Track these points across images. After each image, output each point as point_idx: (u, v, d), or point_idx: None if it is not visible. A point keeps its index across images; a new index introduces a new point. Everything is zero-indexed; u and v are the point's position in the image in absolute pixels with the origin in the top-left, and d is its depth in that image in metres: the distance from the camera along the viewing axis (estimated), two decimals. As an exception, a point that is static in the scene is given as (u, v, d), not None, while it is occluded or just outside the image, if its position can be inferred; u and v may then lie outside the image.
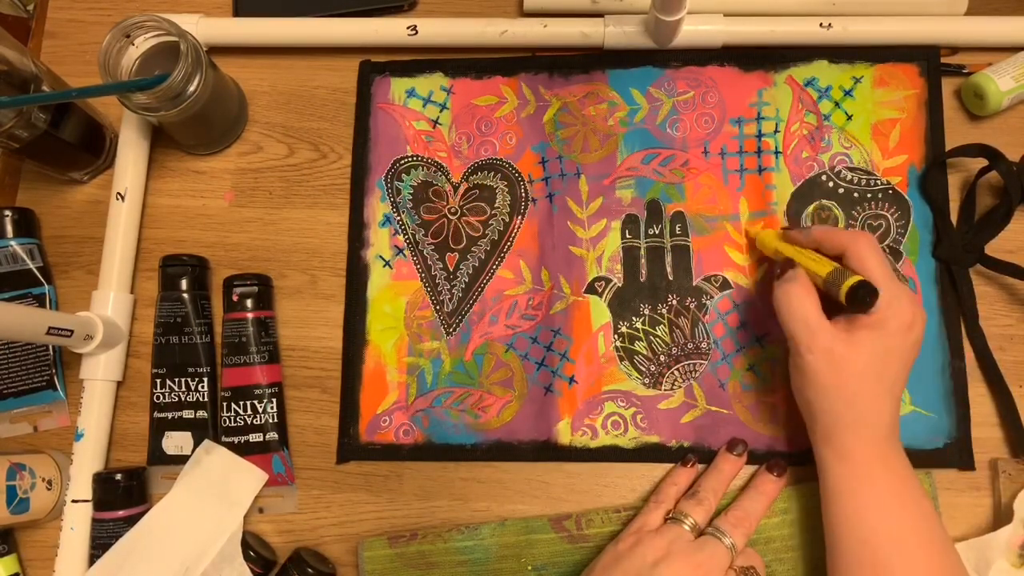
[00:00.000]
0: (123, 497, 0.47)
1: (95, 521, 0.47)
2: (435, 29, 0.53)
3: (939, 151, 0.51)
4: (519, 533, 0.47)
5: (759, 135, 0.52)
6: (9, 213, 0.51)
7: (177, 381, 0.50)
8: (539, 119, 0.53)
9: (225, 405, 0.49)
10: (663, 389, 0.49)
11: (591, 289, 0.51)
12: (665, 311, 0.50)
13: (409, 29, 0.53)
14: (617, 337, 0.50)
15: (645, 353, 0.50)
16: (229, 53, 0.55)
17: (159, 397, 0.50)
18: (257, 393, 0.49)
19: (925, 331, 0.41)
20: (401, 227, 0.52)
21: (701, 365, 0.49)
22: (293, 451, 0.50)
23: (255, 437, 0.49)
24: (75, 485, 0.48)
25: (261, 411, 0.49)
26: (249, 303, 0.50)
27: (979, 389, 0.48)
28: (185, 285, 0.50)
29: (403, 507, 0.49)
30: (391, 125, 0.54)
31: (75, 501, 0.48)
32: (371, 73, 0.55)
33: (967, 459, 0.47)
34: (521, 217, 0.52)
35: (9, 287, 0.51)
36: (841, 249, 0.42)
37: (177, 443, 0.49)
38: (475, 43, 0.53)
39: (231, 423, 0.49)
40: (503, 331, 0.51)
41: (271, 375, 0.50)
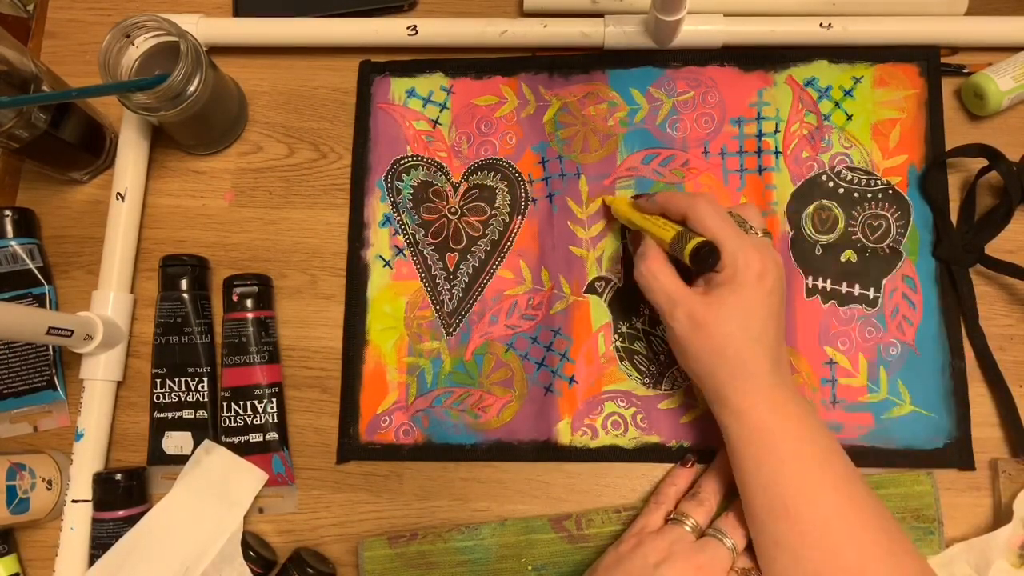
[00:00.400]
0: (123, 497, 0.47)
1: (95, 521, 0.47)
2: (435, 29, 0.53)
3: (939, 151, 0.51)
4: (519, 533, 0.47)
5: (759, 135, 0.52)
6: (9, 213, 0.51)
7: (177, 381, 0.50)
8: (539, 119, 0.53)
9: (225, 405, 0.49)
10: (663, 389, 0.49)
11: (591, 289, 0.51)
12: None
13: (409, 29, 0.53)
14: (617, 337, 0.50)
15: (645, 353, 0.50)
16: (229, 53, 0.55)
17: (159, 397, 0.50)
18: (257, 393, 0.49)
19: (782, 283, 0.41)
20: (401, 227, 0.52)
21: (701, 365, 0.49)
22: (293, 451, 0.50)
23: (255, 437, 0.49)
24: (75, 485, 0.48)
25: (261, 411, 0.49)
26: (249, 303, 0.50)
27: (979, 389, 0.48)
28: (185, 285, 0.50)
29: (403, 507, 0.49)
30: (391, 125, 0.54)
31: (75, 501, 0.48)
32: (371, 73, 0.55)
33: (967, 459, 0.47)
34: (521, 217, 0.52)
35: (9, 287, 0.51)
36: (683, 212, 0.43)
37: (177, 443, 0.49)
38: (475, 43, 0.53)
39: (231, 423, 0.49)
40: (503, 331, 0.51)
41: (271, 375, 0.50)
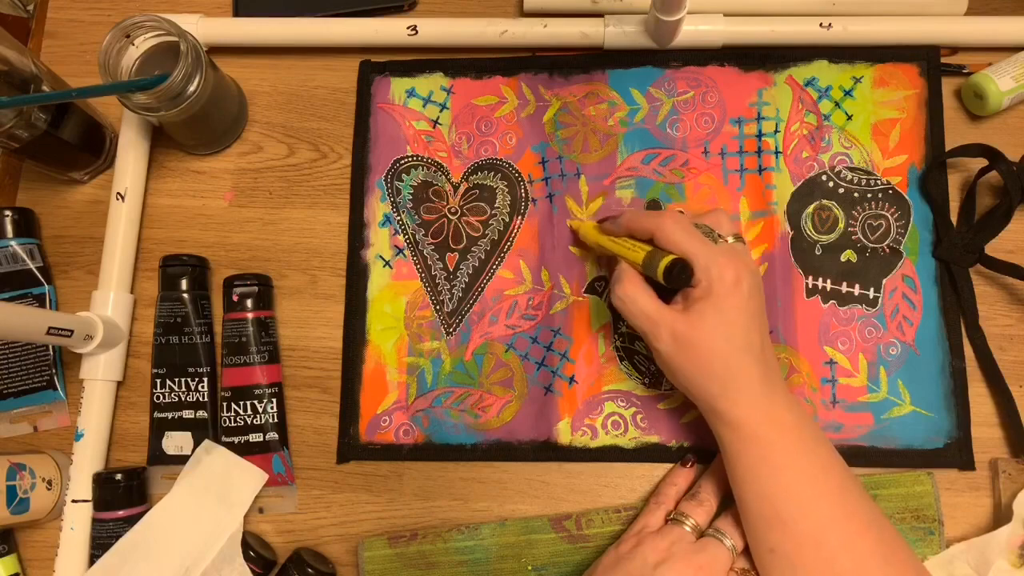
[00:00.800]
0: (123, 497, 0.47)
1: (95, 521, 0.47)
2: (435, 29, 0.53)
3: (939, 151, 0.51)
4: (519, 533, 0.47)
5: (759, 135, 0.52)
6: (9, 213, 0.51)
7: (177, 381, 0.50)
8: (539, 119, 0.53)
9: (225, 405, 0.49)
10: (663, 389, 0.49)
11: (591, 289, 0.51)
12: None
13: (409, 29, 0.53)
14: (617, 337, 0.50)
15: (645, 353, 0.50)
16: (229, 53, 0.55)
17: (159, 397, 0.50)
18: (257, 393, 0.49)
19: (759, 287, 0.41)
20: (401, 227, 0.52)
21: (701, 365, 0.49)
22: (293, 451, 0.50)
23: (255, 437, 0.49)
24: (75, 485, 0.48)
25: (261, 411, 0.49)
26: (249, 303, 0.50)
27: (979, 389, 0.48)
28: (185, 285, 0.50)
29: (403, 507, 0.49)
30: (391, 125, 0.54)
31: (75, 501, 0.48)
32: (371, 73, 0.55)
33: (967, 459, 0.47)
34: (521, 217, 0.52)
35: (9, 287, 0.51)
36: (649, 232, 0.42)
37: (177, 443, 0.49)
38: (475, 43, 0.53)
39: (231, 423, 0.49)
40: (503, 331, 0.51)
41: (271, 375, 0.50)
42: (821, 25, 0.51)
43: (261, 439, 0.49)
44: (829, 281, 0.50)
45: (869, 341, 0.49)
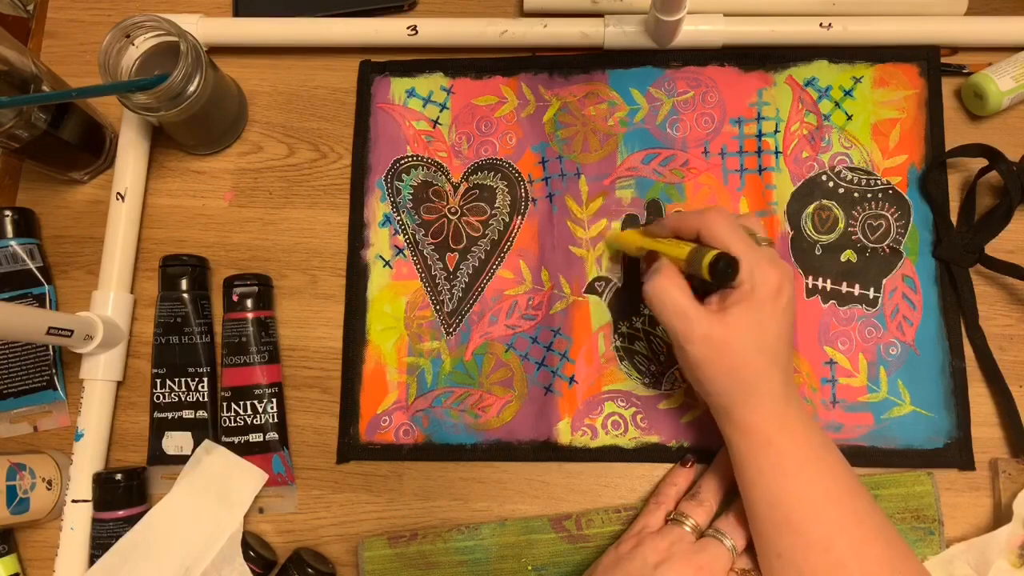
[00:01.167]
0: (123, 497, 0.47)
1: (95, 521, 0.47)
2: (435, 29, 0.53)
3: (939, 151, 0.51)
4: (519, 533, 0.47)
5: (759, 135, 0.52)
6: (9, 213, 0.51)
7: (177, 381, 0.50)
8: (539, 119, 0.53)
9: (225, 405, 0.49)
10: (663, 389, 0.49)
11: (591, 289, 0.51)
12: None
13: (409, 29, 0.53)
14: (617, 337, 0.50)
15: (645, 353, 0.50)
16: (229, 53, 0.55)
17: (159, 397, 0.50)
18: (257, 393, 0.49)
19: (794, 298, 0.41)
20: (401, 227, 0.52)
21: (701, 365, 0.49)
22: (293, 451, 0.50)
23: (255, 437, 0.49)
24: (75, 485, 0.48)
25: (261, 411, 0.49)
26: (249, 303, 0.50)
27: (979, 389, 0.48)
28: (185, 285, 0.50)
29: (403, 507, 0.49)
30: (391, 125, 0.54)
31: (75, 501, 0.48)
32: (371, 73, 0.55)
33: (967, 459, 0.47)
34: (521, 217, 0.52)
35: (9, 287, 0.51)
36: (695, 230, 0.42)
37: (177, 443, 0.49)
38: (475, 43, 0.53)
39: (231, 423, 0.49)
40: (503, 331, 0.51)
41: (271, 375, 0.50)
42: (821, 25, 0.51)
43: (261, 439, 0.49)
44: (829, 281, 0.50)
45: (869, 341, 0.49)
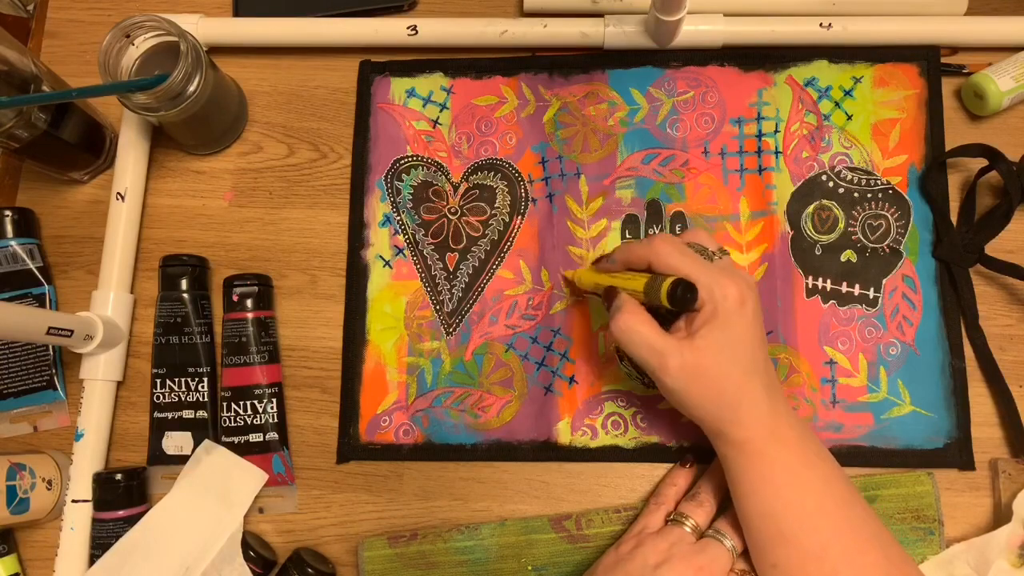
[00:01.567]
0: (123, 497, 0.47)
1: (95, 521, 0.47)
2: (435, 29, 0.53)
3: (939, 151, 0.51)
4: (519, 533, 0.47)
5: (759, 135, 0.52)
6: (9, 213, 0.51)
7: (177, 381, 0.50)
8: (539, 119, 0.53)
9: (225, 405, 0.49)
10: (663, 389, 0.49)
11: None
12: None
13: (409, 29, 0.53)
14: (617, 337, 0.50)
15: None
16: (229, 53, 0.55)
17: (159, 397, 0.50)
18: (257, 393, 0.49)
19: (759, 303, 0.40)
20: (401, 227, 0.52)
21: (701, 365, 0.49)
22: (293, 451, 0.50)
23: (255, 437, 0.49)
24: (75, 485, 0.48)
25: (261, 411, 0.49)
26: (249, 303, 0.50)
27: (979, 389, 0.48)
28: (185, 285, 0.50)
29: (403, 507, 0.49)
30: (391, 125, 0.54)
31: (75, 501, 0.48)
32: (371, 73, 0.55)
33: (967, 459, 0.47)
34: (521, 217, 0.52)
35: (9, 287, 0.51)
36: (645, 260, 0.41)
37: (177, 443, 0.49)
38: (475, 43, 0.53)
39: (231, 423, 0.49)
40: (503, 331, 0.51)
41: (271, 375, 0.50)
42: (821, 25, 0.51)
43: (261, 439, 0.49)
44: (829, 281, 0.50)
45: (869, 341, 0.49)
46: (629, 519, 0.46)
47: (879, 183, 0.51)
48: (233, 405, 0.49)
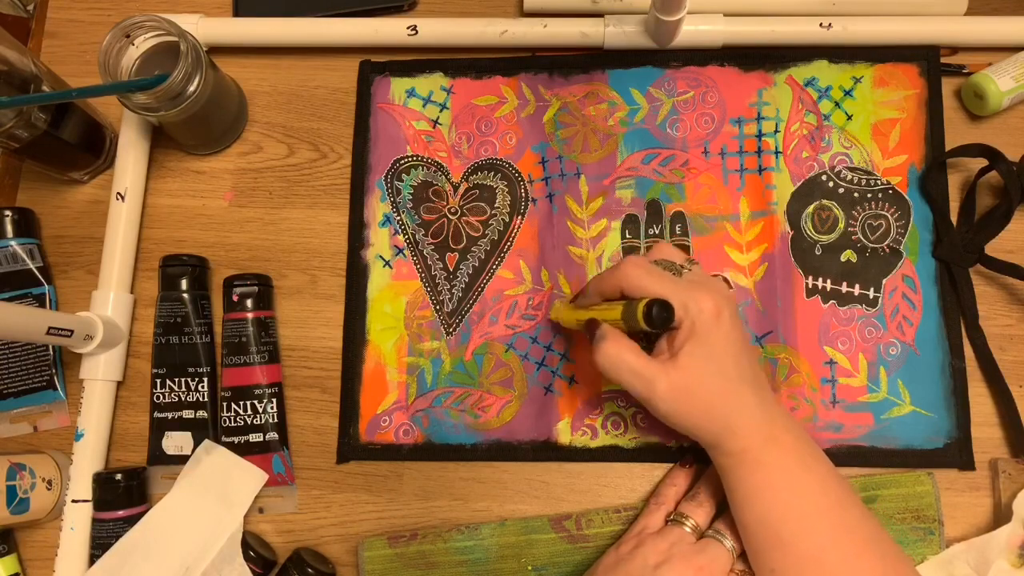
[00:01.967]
0: (123, 497, 0.47)
1: (95, 521, 0.47)
2: (435, 29, 0.53)
3: (939, 151, 0.51)
4: (519, 533, 0.47)
5: (759, 135, 0.52)
6: (9, 213, 0.51)
7: (177, 381, 0.50)
8: (539, 119, 0.53)
9: (225, 405, 0.49)
10: (663, 389, 0.49)
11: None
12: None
13: (409, 29, 0.53)
14: (617, 337, 0.50)
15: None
16: (229, 53, 0.55)
17: (159, 397, 0.50)
18: (257, 393, 0.49)
19: (736, 310, 0.40)
20: (401, 227, 0.52)
21: (701, 365, 0.49)
22: (293, 451, 0.50)
23: (255, 437, 0.49)
24: (75, 485, 0.48)
25: (261, 411, 0.49)
26: (249, 303, 0.50)
27: (979, 389, 0.48)
28: (185, 285, 0.50)
29: (403, 507, 0.49)
30: (391, 125, 0.54)
31: (75, 501, 0.48)
32: (371, 73, 0.55)
33: (967, 459, 0.47)
34: (521, 217, 0.52)
35: (9, 287, 0.51)
36: (617, 287, 0.41)
37: (177, 443, 0.49)
38: (475, 43, 0.53)
39: (231, 423, 0.49)
40: (503, 331, 0.51)
41: (271, 375, 0.50)
42: (821, 25, 0.51)
43: (261, 439, 0.49)
44: (829, 281, 0.50)
45: (869, 341, 0.49)
46: (629, 519, 0.46)
47: (879, 183, 0.51)
48: (233, 405, 0.49)
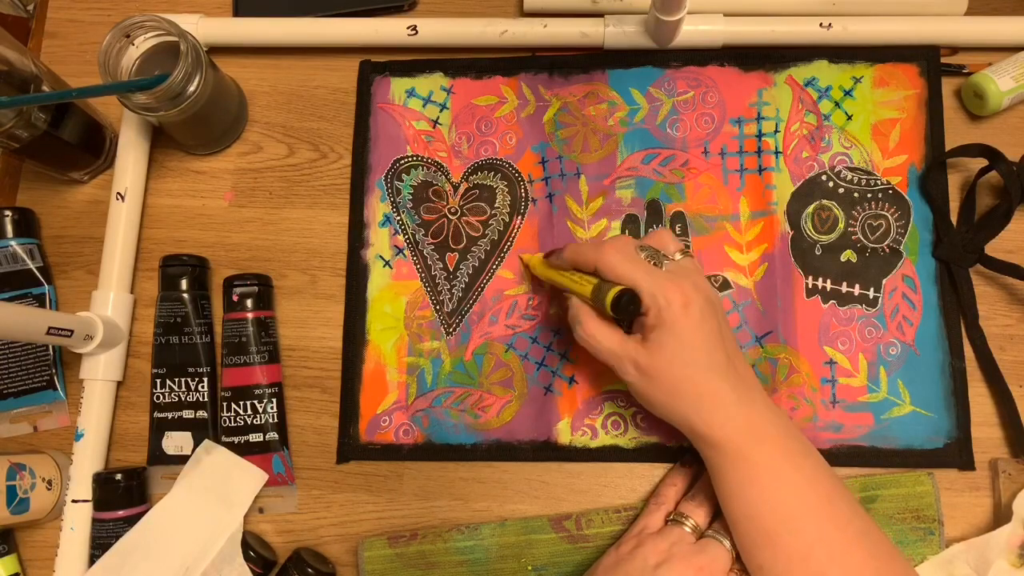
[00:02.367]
0: (123, 497, 0.47)
1: (95, 521, 0.47)
2: (435, 29, 0.53)
3: (939, 151, 0.51)
4: (519, 533, 0.47)
5: (759, 135, 0.52)
6: (9, 213, 0.51)
7: (177, 381, 0.50)
8: (539, 119, 0.53)
9: (225, 405, 0.49)
10: (663, 389, 0.49)
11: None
12: None
13: (409, 29, 0.53)
14: (617, 337, 0.50)
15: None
16: (229, 53, 0.55)
17: (159, 397, 0.50)
18: (257, 393, 0.49)
19: (710, 304, 0.41)
20: (401, 227, 0.52)
21: (701, 365, 0.49)
22: (293, 451, 0.50)
23: (255, 437, 0.49)
24: (75, 485, 0.48)
25: (261, 411, 0.49)
26: (249, 303, 0.50)
27: (979, 389, 0.48)
28: (185, 285, 0.50)
29: (403, 507, 0.49)
30: (391, 125, 0.54)
31: (75, 501, 0.48)
32: (371, 73, 0.55)
33: (967, 459, 0.47)
34: (521, 217, 0.52)
35: (9, 287, 0.51)
36: (592, 264, 0.42)
37: (177, 443, 0.49)
38: (475, 43, 0.53)
39: (231, 423, 0.49)
40: (503, 331, 0.51)
41: (271, 375, 0.50)
42: (821, 25, 0.51)
43: (261, 439, 0.49)
44: (829, 281, 0.50)
45: (869, 341, 0.49)
46: (629, 519, 0.46)
47: (879, 183, 0.51)
48: (233, 405, 0.49)
